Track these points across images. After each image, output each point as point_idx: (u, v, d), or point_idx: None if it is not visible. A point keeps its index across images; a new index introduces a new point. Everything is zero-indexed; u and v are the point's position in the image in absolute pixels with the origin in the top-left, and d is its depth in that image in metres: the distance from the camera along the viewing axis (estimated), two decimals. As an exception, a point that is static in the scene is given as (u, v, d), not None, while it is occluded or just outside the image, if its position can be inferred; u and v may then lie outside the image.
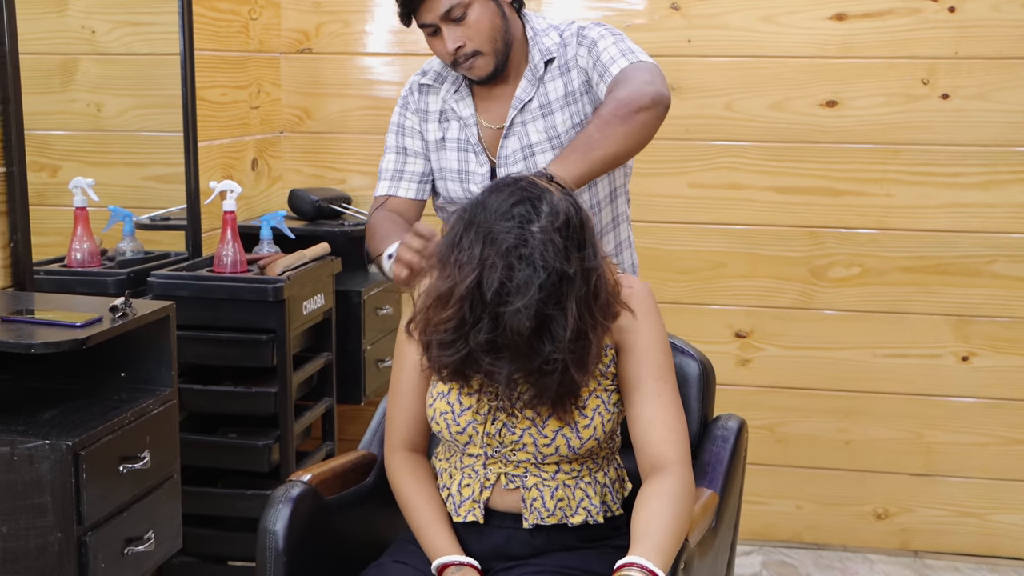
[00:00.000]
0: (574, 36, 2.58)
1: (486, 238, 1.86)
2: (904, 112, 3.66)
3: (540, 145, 2.58)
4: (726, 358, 3.84)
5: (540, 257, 1.83)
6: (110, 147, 3.52)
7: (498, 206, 1.88)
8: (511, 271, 1.82)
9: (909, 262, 3.74)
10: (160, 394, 2.54)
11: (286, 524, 2.10)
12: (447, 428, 2.08)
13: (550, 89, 2.58)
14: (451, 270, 1.88)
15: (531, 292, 1.81)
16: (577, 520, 2.08)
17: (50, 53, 3.31)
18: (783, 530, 3.96)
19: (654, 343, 2.06)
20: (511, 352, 1.86)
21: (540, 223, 1.85)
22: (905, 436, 3.84)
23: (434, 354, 1.93)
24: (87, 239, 3.09)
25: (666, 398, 2.04)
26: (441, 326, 1.89)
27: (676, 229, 3.82)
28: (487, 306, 1.84)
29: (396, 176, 2.68)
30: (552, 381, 1.90)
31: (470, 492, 2.10)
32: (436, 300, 1.90)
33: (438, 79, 2.66)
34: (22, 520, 2.24)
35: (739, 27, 3.70)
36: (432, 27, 2.48)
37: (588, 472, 2.10)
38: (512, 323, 1.82)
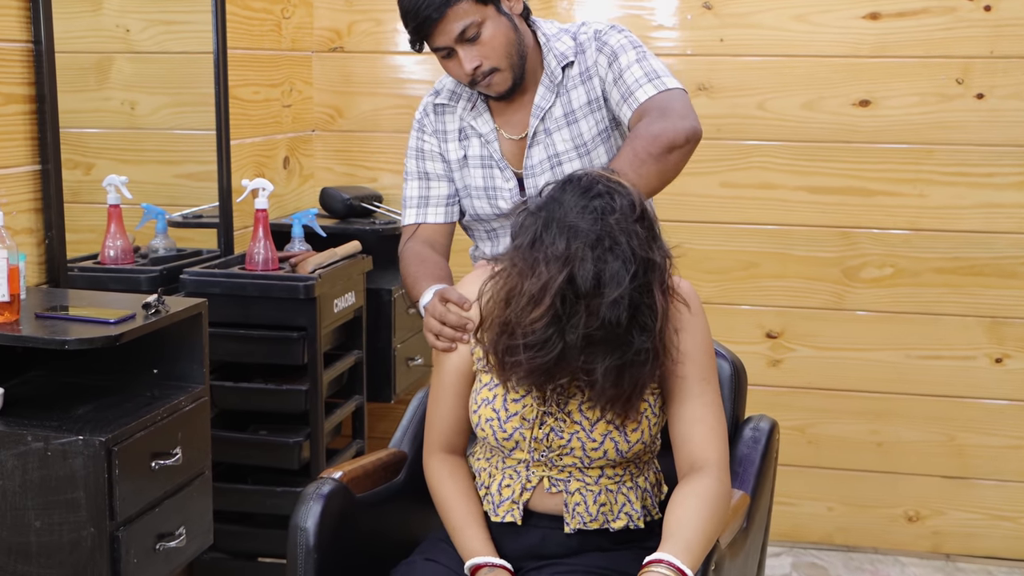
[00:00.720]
0: (592, 40, 2.55)
1: (570, 232, 1.85)
2: (938, 112, 3.64)
3: (567, 154, 2.56)
4: (757, 358, 3.83)
5: (628, 247, 1.83)
6: (143, 145, 3.54)
7: (575, 201, 1.88)
8: (602, 263, 1.82)
9: (942, 263, 3.71)
10: (192, 391, 2.55)
11: (317, 521, 2.11)
12: (493, 434, 2.08)
13: (574, 97, 2.55)
14: (539, 268, 1.86)
15: (625, 282, 1.82)
16: (618, 525, 2.08)
17: (85, 52, 3.32)
18: (814, 532, 3.94)
19: (700, 344, 2.06)
20: (606, 345, 1.86)
21: (618, 215, 1.86)
22: (937, 438, 3.82)
23: (523, 358, 1.90)
24: (120, 236, 3.11)
25: (708, 399, 2.04)
26: (532, 326, 1.87)
27: (707, 229, 3.81)
28: (581, 299, 1.83)
29: (422, 203, 2.65)
30: (642, 373, 1.90)
31: (510, 493, 2.10)
32: (526, 301, 1.87)
33: (453, 97, 2.62)
34: (56, 515, 2.25)
35: (772, 26, 3.69)
36: (446, 50, 2.43)
37: (631, 477, 2.10)
38: (609, 315, 1.82)
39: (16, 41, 2.71)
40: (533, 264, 1.87)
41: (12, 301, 2.34)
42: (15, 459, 2.24)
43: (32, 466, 2.24)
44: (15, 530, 2.27)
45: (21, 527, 2.27)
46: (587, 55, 2.54)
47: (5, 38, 2.68)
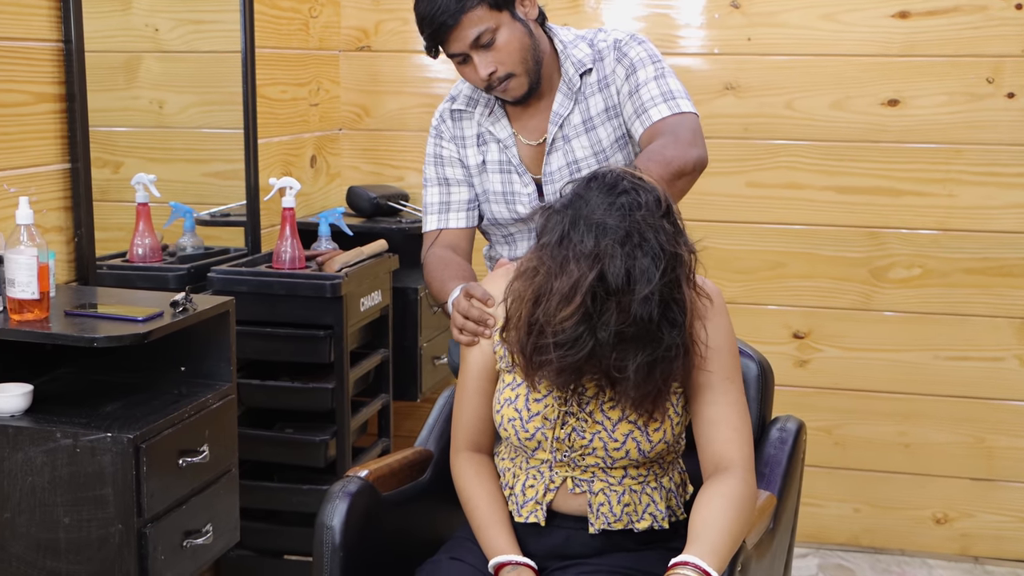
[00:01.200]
0: (611, 49, 2.55)
1: (598, 229, 1.84)
2: (968, 111, 3.62)
3: (585, 160, 2.56)
4: (784, 359, 3.82)
5: (656, 242, 1.83)
6: (172, 144, 3.56)
7: (601, 199, 1.88)
8: (632, 259, 1.82)
9: (972, 263, 3.69)
10: (219, 389, 2.56)
11: (343, 519, 2.11)
12: (515, 434, 2.08)
13: (592, 104, 2.55)
14: (569, 266, 1.85)
15: (655, 278, 1.81)
16: (643, 526, 2.08)
17: (114, 51, 3.34)
18: (840, 533, 3.93)
19: (723, 343, 2.05)
20: (637, 342, 1.85)
21: (644, 211, 1.85)
22: (966, 440, 3.80)
23: (554, 356, 1.88)
24: (149, 235, 3.13)
25: (732, 398, 2.03)
26: (563, 324, 1.85)
27: (734, 228, 3.80)
28: (612, 296, 1.82)
29: (443, 208, 2.66)
30: (673, 368, 1.90)
31: (533, 493, 2.10)
32: (557, 300, 1.85)
33: (470, 103, 2.64)
34: (84, 511, 2.26)
35: (799, 25, 3.68)
36: (461, 56, 2.45)
37: (655, 477, 2.09)
38: (641, 311, 1.81)
39: (47, 40, 2.72)
40: (562, 262, 1.86)
41: (41, 299, 2.35)
42: (44, 456, 2.26)
43: (61, 463, 2.26)
44: (44, 526, 2.28)
45: (50, 523, 2.28)
46: (605, 63, 2.55)
47: (36, 37, 2.69)
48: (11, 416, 2.31)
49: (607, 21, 3.78)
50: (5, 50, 2.60)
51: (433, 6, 2.39)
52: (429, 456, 2.40)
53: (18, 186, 2.63)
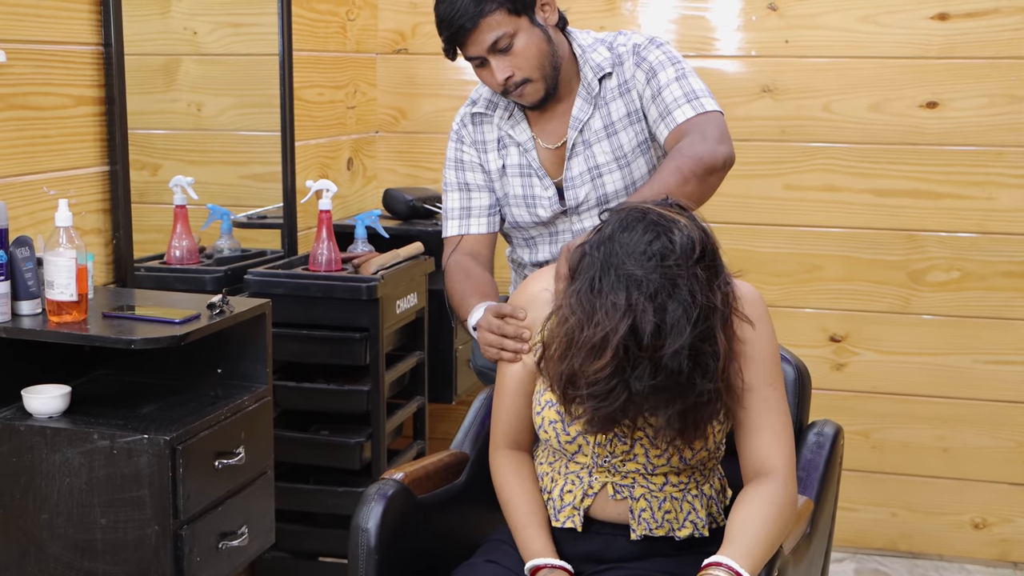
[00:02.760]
0: (630, 54, 2.54)
1: (629, 281, 1.81)
2: (1008, 113, 3.59)
3: (607, 166, 2.56)
4: (820, 362, 3.80)
5: (688, 295, 1.80)
6: (209, 146, 3.57)
7: (633, 245, 1.84)
8: (663, 312, 1.79)
9: (1011, 266, 3.66)
10: (255, 391, 2.57)
11: (378, 522, 2.11)
12: (556, 437, 2.07)
13: (613, 109, 2.55)
14: (599, 317, 1.82)
15: (686, 332, 1.79)
16: (684, 534, 2.07)
17: (153, 54, 3.36)
18: (877, 538, 3.90)
19: (766, 350, 2.03)
20: (669, 392, 1.83)
21: (677, 257, 1.82)
22: (1006, 445, 3.76)
23: (587, 406, 1.87)
24: (186, 237, 3.14)
25: (773, 404, 2.02)
26: (595, 376, 1.83)
27: (771, 231, 3.78)
28: (644, 351, 1.80)
29: (464, 214, 2.66)
30: (707, 411, 1.88)
31: (571, 499, 2.09)
32: (587, 351, 1.83)
33: (490, 106, 2.63)
34: (121, 513, 2.28)
35: (837, 27, 3.66)
36: (479, 59, 2.46)
37: (695, 485, 2.08)
38: (671, 365, 1.79)
39: (87, 44, 2.74)
40: (592, 312, 1.83)
41: (80, 301, 2.37)
42: (82, 457, 2.27)
43: (98, 464, 2.27)
44: (81, 527, 2.30)
45: (87, 524, 2.29)
46: (625, 68, 2.54)
47: (76, 41, 2.71)
48: (49, 417, 2.33)
49: (643, 23, 3.77)
50: (46, 54, 2.62)
51: (452, 9, 2.40)
52: (465, 459, 2.40)
53: (57, 188, 2.65)
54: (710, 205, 2.29)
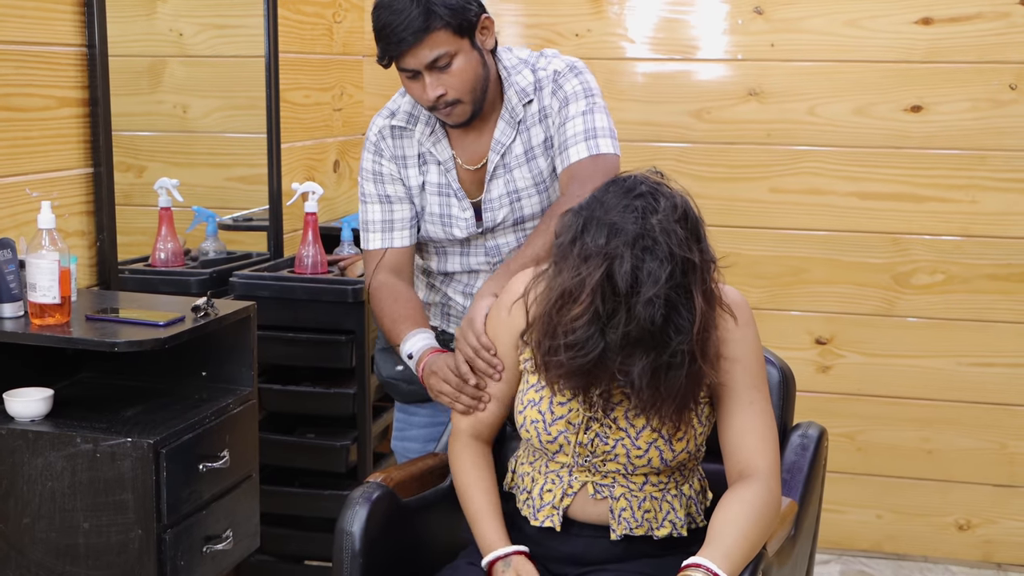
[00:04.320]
0: (549, 80, 2.50)
1: (610, 229, 1.85)
2: (991, 117, 3.60)
3: (527, 190, 2.53)
4: (806, 364, 3.80)
5: (666, 247, 1.83)
6: (195, 148, 3.57)
7: (616, 200, 1.88)
8: (640, 261, 1.82)
9: (995, 269, 3.67)
10: (240, 393, 2.57)
11: (363, 525, 2.11)
12: (537, 436, 2.08)
13: (533, 135, 2.51)
14: (577, 265, 1.86)
15: (661, 281, 1.81)
16: (662, 533, 2.08)
17: (139, 55, 3.36)
18: (863, 539, 3.91)
19: (751, 352, 2.04)
20: (643, 346, 1.85)
21: (660, 215, 1.85)
22: (989, 446, 3.77)
23: (564, 358, 1.89)
24: (171, 239, 3.14)
25: (759, 407, 2.03)
26: (572, 324, 1.86)
27: (756, 234, 3.79)
28: (620, 298, 1.82)
29: (386, 227, 2.58)
30: (679, 376, 1.88)
31: (551, 498, 2.10)
32: (563, 297, 1.88)
33: (410, 120, 2.56)
34: (104, 516, 2.27)
35: (823, 31, 3.66)
36: (413, 72, 2.39)
37: (675, 485, 2.09)
38: (644, 313, 1.81)
39: (70, 45, 2.74)
40: (573, 262, 1.87)
41: (63, 303, 2.36)
42: (64, 460, 2.27)
43: (81, 468, 2.26)
44: (64, 531, 2.29)
45: (70, 528, 2.29)
46: (544, 94, 2.51)
47: (60, 42, 2.71)
48: (31, 421, 2.32)
49: (629, 27, 3.77)
50: (29, 54, 2.61)
51: (397, 19, 2.32)
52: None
53: (40, 190, 2.64)
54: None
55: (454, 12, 2.33)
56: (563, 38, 3.81)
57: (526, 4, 3.84)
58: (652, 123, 3.79)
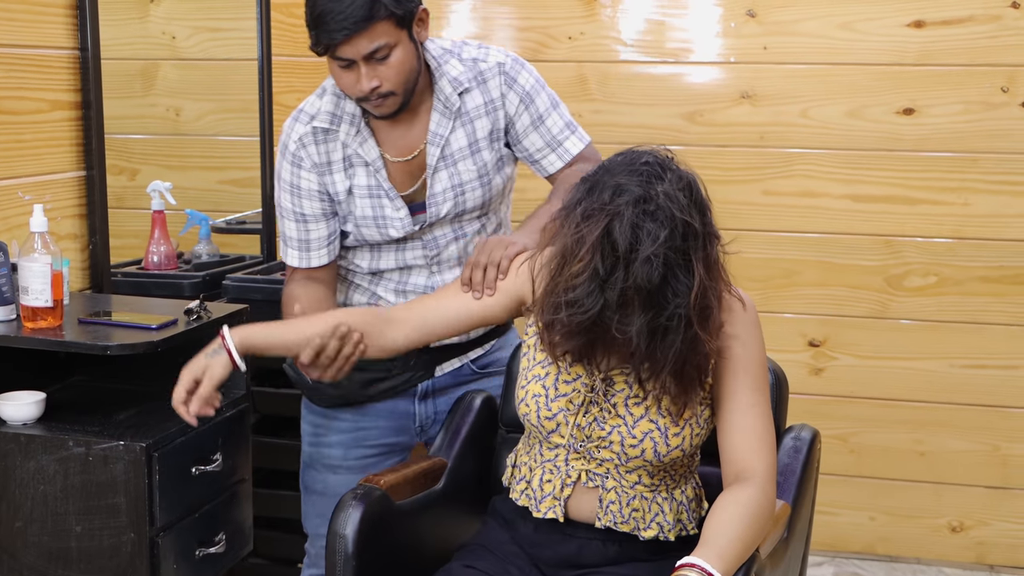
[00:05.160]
0: (496, 73, 2.49)
1: (614, 190, 1.87)
2: (983, 120, 3.61)
3: (471, 183, 2.50)
4: (799, 367, 3.81)
5: (667, 209, 1.85)
6: (188, 151, 3.57)
7: (624, 166, 1.91)
8: (641, 220, 1.84)
9: (987, 272, 3.68)
10: (233, 397, 2.56)
11: (356, 528, 2.11)
12: (536, 411, 2.08)
13: (478, 127, 2.49)
14: (579, 223, 1.88)
15: (660, 240, 1.82)
16: (649, 534, 2.08)
17: (132, 58, 3.36)
18: (856, 541, 3.91)
19: (755, 355, 2.05)
20: (640, 305, 1.86)
21: (666, 184, 1.88)
22: (982, 448, 3.78)
23: (564, 316, 1.90)
24: (164, 242, 3.14)
25: (759, 410, 2.03)
26: (572, 280, 1.88)
27: (749, 237, 3.79)
28: (618, 255, 1.84)
29: (303, 247, 2.52)
30: (676, 340, 1.88)
31: (551, 489, 2.10)
32: (564, 255, 1.90)
33: (333, 121, 2.47)
34: (96, 520, 2.27)
35: (815, 34, 3.67)
36: (348, 62, 2.32)
37: (667, 488, 2.09)
38: (642, 271, 1.82)
39: (63, 48, 2.74)
40: (577, 221, 1.90)
41: (55, 307, 2.36)
42: (56, 464, 2.27)
43: (73, 471, 2.26)
44: (56, 535, 2.29)
45: (62, 532, 2.29)
46: (489, 86, 2.49)
47: (52, 45, 2.71)
48: (23, 424, 2.32)
49: (622, 29, 3.78)
50: (21, 58, 2.61)
51: (340, 6, 2.26)
52: (443, 465, 2.40)
53: (33, 194, 2.64)
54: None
55: (399, 3, 2.30)
56: (556, 41, 3.81)
57: (518, 7, 3.84)
58: (645, 126, 3.79)
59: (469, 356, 2.64)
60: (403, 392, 2.60)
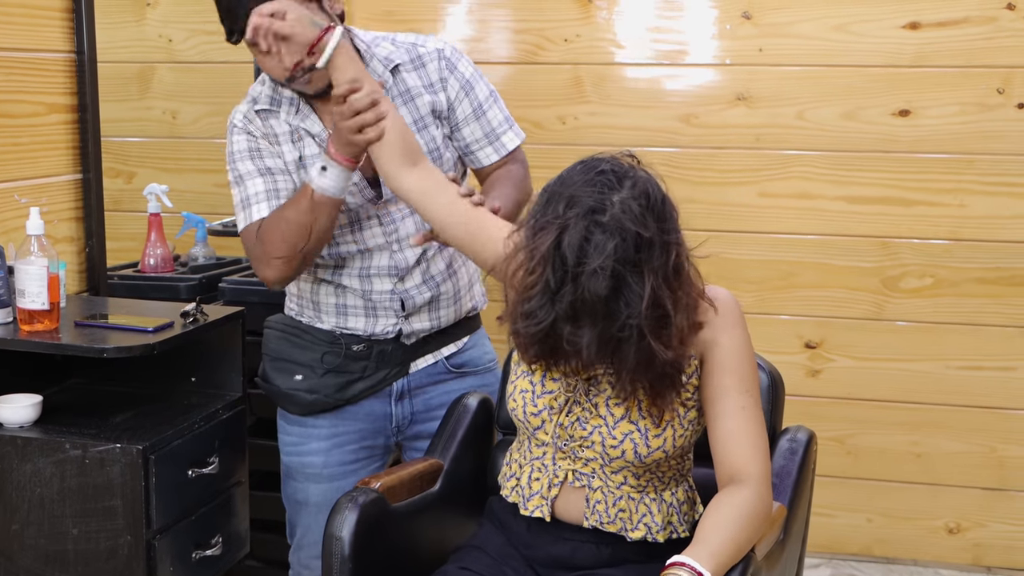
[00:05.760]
0: (436, 58, 2.49)
1: (568, 200, 1.86)
2: (979, 121, 3.61)
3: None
4: (796, 368, 3.81)
5: (617, 220, 1.83)
6: (184, 154, 3.57)
7: (581, 176, 1.89)
8: (590, 232, 1.82)
9: (983, 273, 3.68)
10: (229, 399, 2.57)
11: (352, 531, 2.11)
12: (523, 407, 2.09)
13: (420, 105, 2.48)
14: (533, 235, 1.88)
15: (607, 252, 1.81)
16: (636, 535, 2.08)
17: (128, 61, 3.37)
18: (853, 543, 3.92)
19: (740, 355, 2.03)
20: (590, 319, 1.85)
21: (622, 193, 1.86)
22: (978, 450, 3.78)
23: (521, 328, 1.90)
24: (160, 245, 3.14)
25: (749, 412, 2.01)
26: (527, 292, 1.88)
27: (746, 238, 3.79)
28: (567, 268, 1.83)
29: (272, 195, 2.43)
30: (628, 351, 1.87)
31: (539, 487, 2.11)
32: (521, 264, 1.90)
33: (273, 103, 2.48)
34: (93, 523, 2.27)
35: (811, 36, 3.67)
36: None
37: (655, 489, 2.09)
38: (589, 284, 1.81)
39: (59, 52, 2.74)
40: (532, 233, 1.89)
41: (52, 309, 2.36)
42: (53, 467, 2.27)
43: (70, 474, 2.26)
44: (52, 538, 2.29)
45: (58, 535, 2.29)
46: (428, 69, 2.49)
47: (48, 48, 2.71)
48: (20, 427, 2.32)
49: (618, 32, 3.78)
50: (18, 61, 2.62)
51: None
52: (439, 467, 2.40)
53: (29, 196, 2.64)
54: (687, 213, 2.28)
55: None
56: (552, 43, 3.81)
57: (515, 10, 3.84)
58: (641, 128, 3.79)
59: (443, 352, 2.64)
60: (379, 392, 2.59)
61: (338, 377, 2.54)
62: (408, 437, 2.65)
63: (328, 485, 2.59)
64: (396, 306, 2.54)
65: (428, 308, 2.57)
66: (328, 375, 2.53)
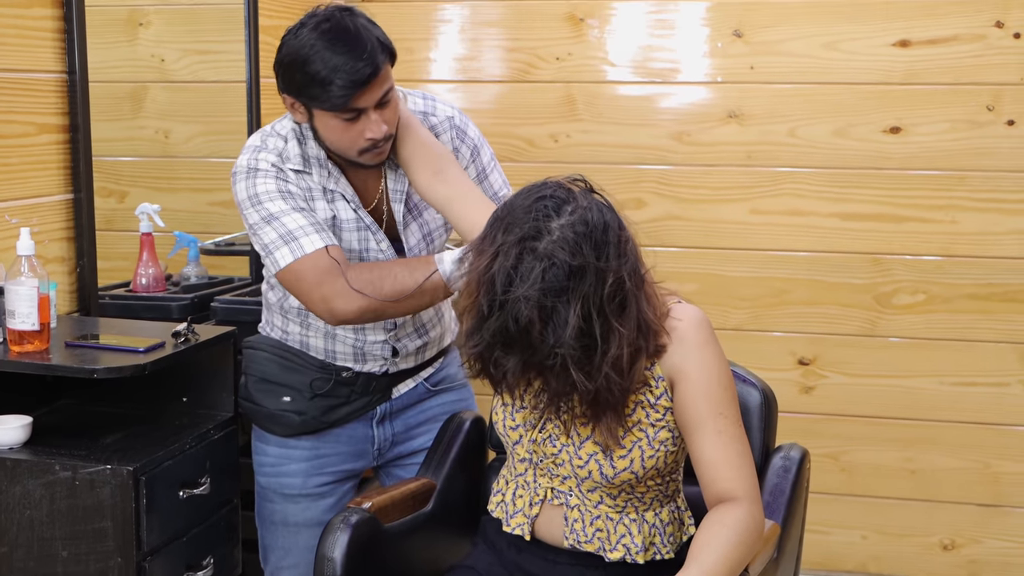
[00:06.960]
0: (448, 128, 2.50)
1: (506, 228, 1.86)
2: (969, 138, 3.62)
3: (438, 231, 2.53)
4: (789, 385, 3.81)
5: (547, 248, 1.82)
6: (177, 173, 3.57)
7: (523, 201, 1.89)
8: (520, 259, 1.82)
9: (975, 289, 3.69)
10: (221, 419, 2.56)
11: (344, 551, 2.11)
12: (503, 420, 2.10)
13: None
14: (474, 260, 1.90)
15: (531, 281, 1.80)
16: (615, 556, 2.06)
17: (120, 81, 3.36)
18: (848, 560, 3.91)
19: (710, 376, 1.99)
20: (517, 344, 1.84)
21: (561, 220, 1.85)
22: (972, 466, 3.78)
23: (462, 347, 1.93)
24: (152, 264, 3.13)
25: (728, 435, 1.98)
26: (465, 315, 1.90)
27: (738, 255, 3.79)
28: (495, 295, 1.83)
29: (319, 228, 2.34)
30: (552, 379, 1.87)
31: (522, 504, 2.11)
32: (463, 287, 1.92)
33: (305, 164, 2.41)
34: (83, 545, 2.26)
35: (802, 54, 3.68)
36: (358, 112, 2.27)
37: (635, 510, 2.07)
38: (513, 311, 1.81)
39: (50, 72, 2.74)
40: (471, 257, 1.91)
41: (42, 330, 2.35)
42: (43, 488, 2.26)
43: (60, 495, 2.25)
44: (42, 560, 2.28)
45: (48, 557, 2.27)
46: (442, 140, 2.49)
47: (40, 69, 2.71)
48: (10, 448, 2.31)
49: (610, 50, 3.79)
50: (8, 81, 2.61)
51: (350, 59, 2.22)
52: (432, 487, 2.40)
53: (20, 217, 2.64)
54: (679, 230, 2.29)
55: (388, 42, 2.32)
56: (544, 62, 3.82)
57: (507, 28, 3.85)
58: (633, 146, 3.80)
59: (422, 375, 2.65)
60: (361, 416, 2.59)
61: (324, 400, 2.54)
62: (388, 460, 2.65)
63: (305, 504, 2.59)
64: (387, 353, 2.55)
65: (416, 351, 2.60)
66: (316, 399, 2.53)
